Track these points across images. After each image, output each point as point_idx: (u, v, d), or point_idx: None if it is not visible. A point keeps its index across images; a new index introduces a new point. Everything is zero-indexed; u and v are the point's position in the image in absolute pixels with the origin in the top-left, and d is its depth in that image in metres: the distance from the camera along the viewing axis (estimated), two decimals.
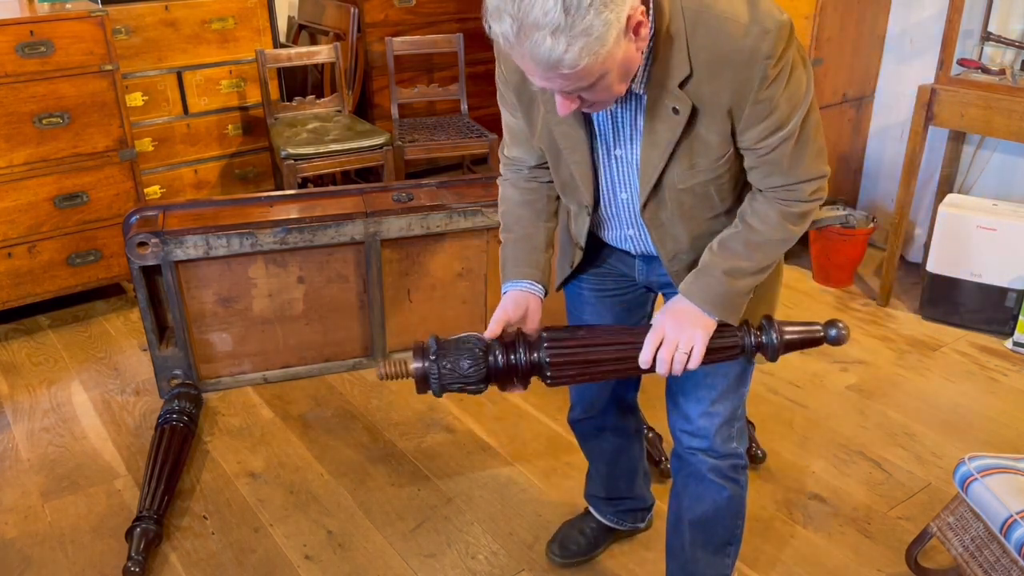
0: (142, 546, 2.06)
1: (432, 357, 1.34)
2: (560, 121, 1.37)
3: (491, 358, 1.36)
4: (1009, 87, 2.90)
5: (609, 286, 1.69)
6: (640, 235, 1.51)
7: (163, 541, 2.16)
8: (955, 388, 2.79)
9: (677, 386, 1.62)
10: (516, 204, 1.59)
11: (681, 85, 1.26)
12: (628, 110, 1.35)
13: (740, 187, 1.44)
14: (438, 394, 1.37)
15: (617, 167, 1.43)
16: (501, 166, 1.64)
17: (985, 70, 3.04)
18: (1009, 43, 3.11)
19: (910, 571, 2.02)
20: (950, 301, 3.12)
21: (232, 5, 3.70)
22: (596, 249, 1.64)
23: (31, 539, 2.19)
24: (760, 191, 1.39)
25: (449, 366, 1.34)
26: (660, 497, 2.23)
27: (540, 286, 1.55)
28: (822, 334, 1.42)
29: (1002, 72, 3.02)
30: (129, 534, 2.09)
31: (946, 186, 3.38)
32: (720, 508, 1.68)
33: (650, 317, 1.77)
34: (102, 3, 3.34)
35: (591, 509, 2.10)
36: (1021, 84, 2.92)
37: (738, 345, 1.41)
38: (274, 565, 2.10)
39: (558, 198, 1.61)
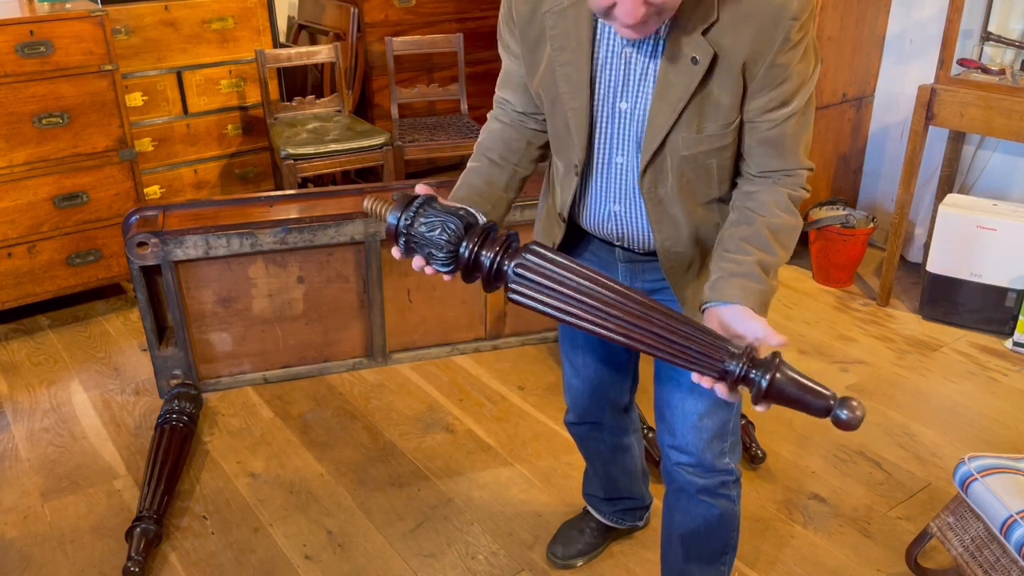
0: (142, 546, 2.06)
1: (411, 214, 1.21)
2: (566, 61, 1.34)
3: (464, 246, 1.20)
4: (1009, 87, 2.90)
5: None
6: (627, 212, 1.42)
7: (163, 541, 2.16)
8: (955, 388, 2.79)
9: (664, 398, 1.58)
10: (492, 138, 1.52)
11: (704, 33, 1.24)
12: (643, 54, 1.30)
13: (735, 175, 1.41)
14: (400, 253, 1.25)
15: (618, 124, 1.36)
16: (494, 105, 1.58)
17: (985, 70, 3.04)
18: (1009, 43, 3.11)
19: (910, 571, 2.02)
20: (950, 301, 3.12)
21: (232, 5, 3.70)
22: (575, 241, 1.56)
23: (31, 539, 2.19)
24: (757, 178, 1.36)
25: (424, 231, 1.21)
26: (659, 496, 2.24)
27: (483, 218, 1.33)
28: (828, 404, 1.06)
29: (1002, 72, 3.02)
30: (129, 534, 2.09)
31: (946, 186, 3.38)
32: (711, 523, 1.64)
33: None
34: (102, 3, 3.34)
35: (590, 508, 2.10)
36: (1021, 84, 2.92)
37: (719, 368, 1.11)
38: (274, 565, 2.10)
39: (541, 148, 1.53)
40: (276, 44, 3.89)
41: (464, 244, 1.20)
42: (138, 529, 2.08)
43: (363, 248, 2.72)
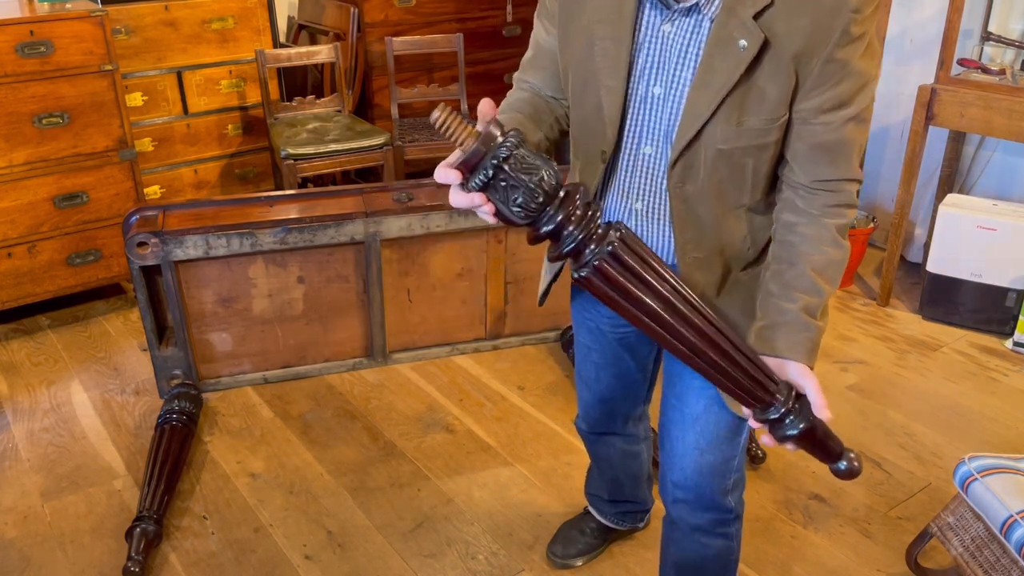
0: (142, 546, 2.06)
1: (507, 145, 1.00)
2: (606, 35, 1.23)
3: (547, 212, 1.03)
4: (1009, 87, 2.90)
5: (603, 311, 1.53)
6: (650, 210, 1.33)
7: (163, 541, 2.16)
8: (955, 388, 2.78)
9: (666, 428, 1.51)
10: (518, 100, 1.36)
11: (756, 17, 1.14)
12: (684, 35, 1.20)
13: (772, 183, 1.29)
14: (476, 186, 1.03)
15: (651, 110, 1.25)
16: (514, 83, 1.45)
17: (985, 70, 3.04)
18: (1009, 43, 3.11)
19: (910, 571, 2.02)
20: (950, 301, 3.12)
21: (232, 5, 3.70)
22: None
23: (31, 539, 2.18)
24: (802, 191, 1.24)
25: (520, 173, 1.01)
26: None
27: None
28: (837, 453, 1.17)
29: (1002, 72, 3.02)
30: (129, 534, 2.09)
31: (946, 186, 3.38)
32: (707, 561, 1.60)
33: (659, 361, 1.64)
34: (102, 3, 3.34)
35: (591, 508, 2.10)
36: (1021, 84, 2.92)
37: (766, 401, 1.13)
38: (274, 565, 2.10)
39: (563, 133, 1.40)
40: (276, 44, 3.89)
41: (554, 205, 1.03)
42: (138, 529, 2.08)
43: (363, 248, 2.72)
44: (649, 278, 1.05)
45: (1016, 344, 2.98)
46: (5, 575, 2.07)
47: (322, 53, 3.82)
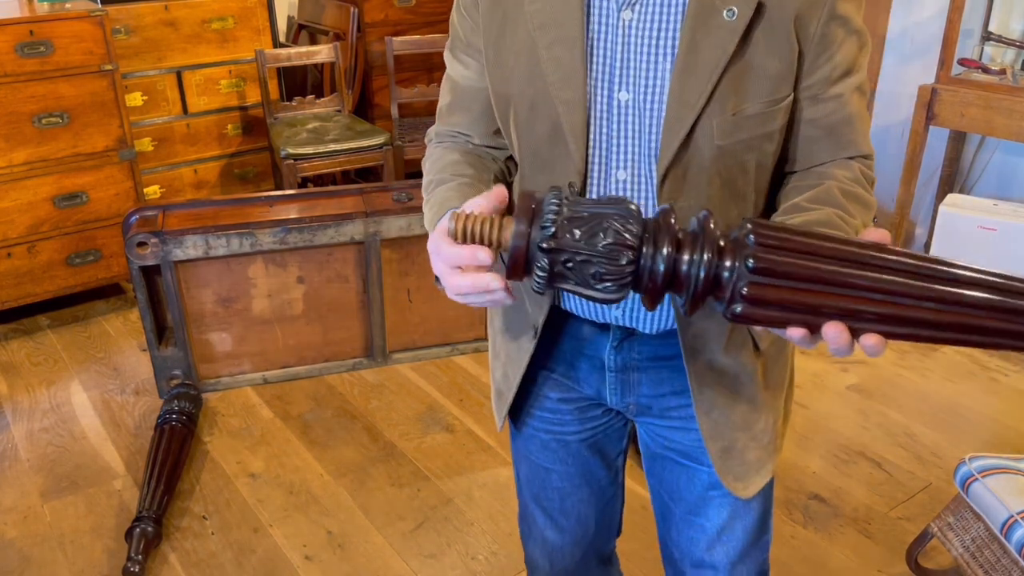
0: (141, 546, 2.05)
1: (549, 218, 0.77)
2: (552, 40, 0.99)
3: (643, 265, 0.77)
4: (1010, 87, 2.90)
5: (570, 416, 1.21)
6: None
7: (162, 541, 2.16)
8: (955, 388, 2.78)
9: (681, 559, 1.25)
10: (455, 163, 1.09)
11: None
12: (652, 17, 0.96)
13: (772, 188, 1.06)
14: (542, 288, 0.80)
15: (619, 122, 1.00)
16: (432, 138, 1.19)
17: (986, 70, 3.04)
18: (1009, 43, 3.10)
19: (910, 571, 2.02)
20: None
21: (232, 5, 3.69)
22: (552, 343, 1.15)
23: (30, 539, 2.18)
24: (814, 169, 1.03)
25: (582, 242, 0.76)
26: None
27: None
28: None
29: (1003, 72, 3.02)
30: (128, 534, 2.09)
31: (946, 186, 3.38)
32: None
33: (626, 453, 1.32)
34: (102, 3, 3.34)
35: None
36: (1022, 84, 2.92)
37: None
38: (274, 565, 2.10)
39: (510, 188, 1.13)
40: (276, 44, 3.89)
41: (647, 251, 0.77)
42: (138, 529, 2.08)
43: (363, 248, 2.71)
44: (813, 250, 0.74)
45: None
46: (5, 575, 2.07)
47: (322, 53, 3.82)
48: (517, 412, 1.25)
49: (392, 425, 2.62)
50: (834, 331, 0.75)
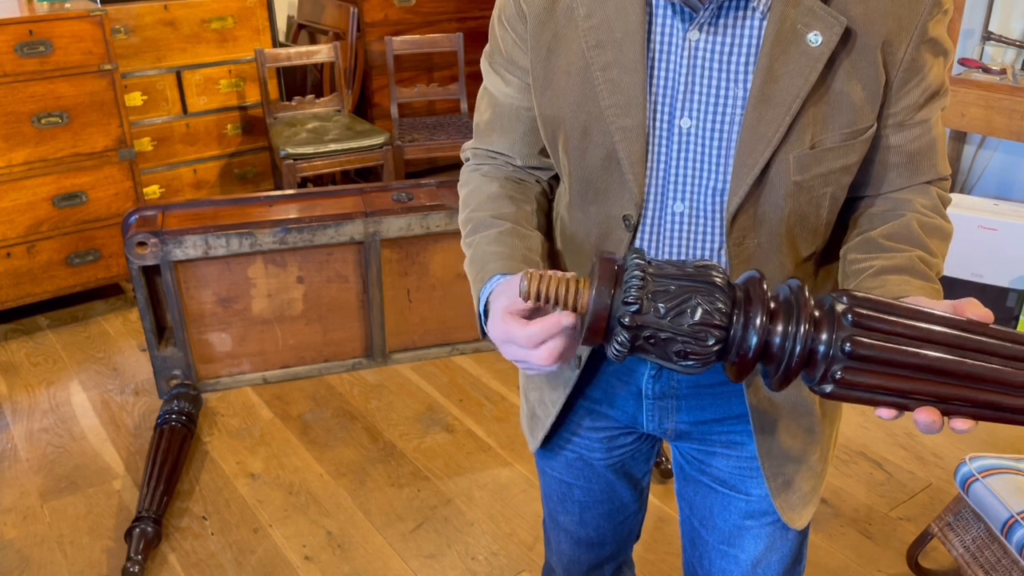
0: (141, 547, 2.05)
1: (633, 294, 0.73)
2: (609, 63, 0.91)
3: (733, 340, 0.74)
4: (1010, 87, 2.90)
5: (599, 444, 1.16)
6: None
7: (162, 542, 2.15)
8: None
9: (704, 573, 1.19)
10: (494, 198, 1.04)
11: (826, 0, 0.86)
12: (724, 39, 0.89)
13: (840, 221, 0.99)
14: (621, 356, 0.76)
15: (678, 152, 0.93)
16: (469, 156, 1.13)
17: (986, 70, 3.04)
18: (1010, 43, 3.10)
19: (911, 572, 2.02)
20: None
21: (231, 5, 3.69)
22: (592, 372, 1.11)
23: (30, 539, 2.18)
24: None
25: (665, 316, 0.73)
26: (660, 498, 2.23)
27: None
28: None
29: (1003, 72, 3.02)
30: (128, 535, 2.09)
31: None
32: None
33: (649, 474, 1.28)
34: (101, 3, 3.34)
35: None
36: (1022, 84, 2.92)
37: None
38: (274, 566, 2.09)
39: (548, 214, 1.09)
40: (275, 44, 3.89)
41: (737, 325, 0.73)
42: (137, 530, 2.08)
43: (363, 248, 2.71)
44: (913, 334, 0.71)
45: None
46: (4, 575, 2.08)
47: (322, 53, 3.82)
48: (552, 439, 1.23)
49: (392, 425, 2.62)
50: (927, 418, 0.71)
